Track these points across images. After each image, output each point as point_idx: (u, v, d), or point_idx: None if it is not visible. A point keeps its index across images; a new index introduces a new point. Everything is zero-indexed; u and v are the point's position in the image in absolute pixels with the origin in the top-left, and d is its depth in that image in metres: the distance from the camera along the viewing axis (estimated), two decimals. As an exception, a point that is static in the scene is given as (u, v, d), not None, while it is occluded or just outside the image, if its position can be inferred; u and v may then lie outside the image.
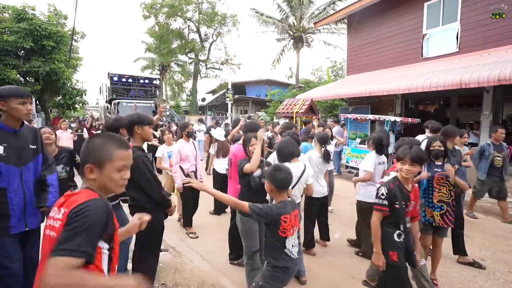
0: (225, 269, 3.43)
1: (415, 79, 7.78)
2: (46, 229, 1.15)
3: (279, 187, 2.07)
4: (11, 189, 2.03)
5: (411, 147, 2.25)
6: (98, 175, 1.19)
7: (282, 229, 2.02)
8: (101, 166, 1.19)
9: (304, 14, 20.77)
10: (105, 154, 1.21)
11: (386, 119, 8.22)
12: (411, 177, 2.27)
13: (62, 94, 12.50)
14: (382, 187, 2.29)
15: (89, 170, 1.19)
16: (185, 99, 32.00)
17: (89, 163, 1.19)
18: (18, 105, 2.04)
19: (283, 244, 2.04)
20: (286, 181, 2.08)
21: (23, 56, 11.21)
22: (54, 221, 1.11)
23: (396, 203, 2.22)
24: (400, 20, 9.93)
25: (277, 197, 2.13)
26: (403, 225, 2.22)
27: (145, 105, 13.32)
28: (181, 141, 4.32)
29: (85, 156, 1.21)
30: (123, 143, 1.27)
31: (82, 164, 1.21)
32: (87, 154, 1.21)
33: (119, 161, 1.22)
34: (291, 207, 2.09)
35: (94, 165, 1.19)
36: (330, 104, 15.32)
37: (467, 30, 8.18)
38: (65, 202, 1.12)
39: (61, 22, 12.14)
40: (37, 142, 2.24)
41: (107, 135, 1.27)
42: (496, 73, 6.11)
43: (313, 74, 24.54)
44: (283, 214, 2.02)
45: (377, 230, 2.28)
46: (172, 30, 26.21)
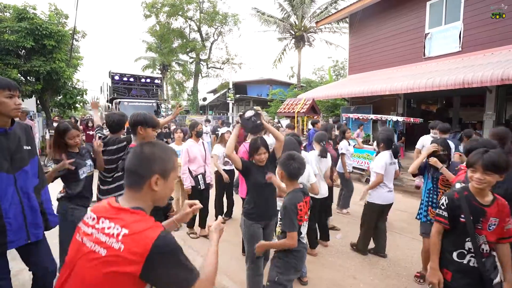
0: (226, 269, 3.41)
1: (418, 79, 7.73)
2: (85, 237, 1.06)
3: (291, 177, 2.11)
4: (4, 200, 1.77)
5: (486, 151, 1.86)
6: (162, 187, 1.13)
7: (298, 217, 2.06)
8: (166, 176, 1.14)
9: (306, 13, 20.70)
10: (170, 163, 1.15)
11: (388, 119, 8.18)
12: (485, 188, 1.85)
13: (63, 93, 12.48)
14: (444, 196, 2.00)
15: (155, 182, 1.10)
16: (186, 98, 32.01)
17: (156, 173, 1.10)
18: (5, 99, 1.75)
19: (298, 231, 2.09)
20: (299, 172, 2.12)
21: (24, 55, 11.20)
22: (103, 235, 1.02)
23: (461, 216, 1.88)
24: (402, 19, 9.87)
25: (288, 185, 2.17)
26: (473, 244, 1.84)
27: (146, 105, 13.28)
28: (190, 141, 4.16)
29: (149, 166, 1.10)
30: (174, 151, 1.23)
31: (140, 176, 1.10)
32: (151, 164, 1.10)
33: (177, 170, 1.21)
34: (302, 194, 2.14)
35: (160, 176, 1.11)
36: (332, 104, 15.29)
37: (469, 29, 8.12)
38: (116, 218, 1.04)
39: (62, 21, 12.10)
40: (31, 142, 1.99)
41: (160, 143, 1.20)
42: (499, 72, 6.06)
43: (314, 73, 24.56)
44: (298, 203, 2.07)
45: (435, 243, 2.00)
46: (173, 29, 26.18)
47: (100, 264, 0.98)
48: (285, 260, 2.13)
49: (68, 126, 2.65)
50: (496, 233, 1.86)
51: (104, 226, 1.03)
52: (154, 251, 0.96)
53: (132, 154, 1.13)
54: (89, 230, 1.07)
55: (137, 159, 1.11)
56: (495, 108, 7.94)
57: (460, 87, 6.75)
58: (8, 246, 1.81)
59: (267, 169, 2.60)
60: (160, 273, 0.97)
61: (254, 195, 2.62)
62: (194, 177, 4.04)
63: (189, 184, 3.99)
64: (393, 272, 3.39)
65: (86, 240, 1.05)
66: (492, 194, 1.91)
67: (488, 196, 1.90)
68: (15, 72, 10.26)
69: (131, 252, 0.96)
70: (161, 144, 1.19)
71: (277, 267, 2.15)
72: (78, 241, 1.08)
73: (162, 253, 0.97)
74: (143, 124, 2.42)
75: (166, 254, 0.99)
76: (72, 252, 1.09)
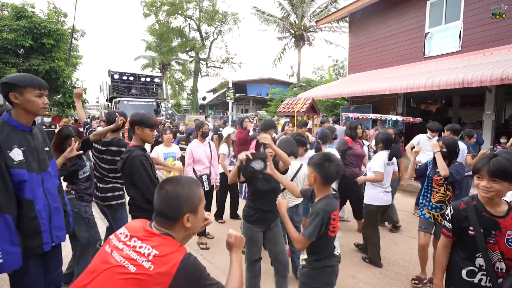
0: (225, 268, 3.38)
1: (417, 78, 7.72)
2: (115, 250, 1.10)
3: (326, 181, 1.85)
4: (38, 200, 1.74)
5: (494, 156, 1.64)
6: (194, 221, 1.18)
7: (331, 228, 1.82)
8: (196, 211, 1.18)
9: (306, 12, 20.68)
10: (197, 197, 1.19)
11: (387, 118, 8.17)
12: (494, 197, 1.64)
13: (62, 92, 12.46)
14: (450, 206, 1.81)
15: (187, 220, 1.15)
16: (186, 98, 31.99)
17: (186, 213, 1.15)
18: (34, 98, 1.72)
19: (331, 245, 1.88)
20: (337, 175, 1.88)
21: (22, 54, 11.19)
22: (134, 253, 1.06)
23: (469, 228, 1.68)
24: (402, 18, 9.86)
25: (321, 191, 1.90)
26: (485, 260, 1.62)
27: (146, 104, 13.23)
28: (195, 141, 4.06)
29: (179, 208, 1.14)
30: (198, 182, 1.28)
31: (171, 218, 1.14)
32: (180, 205, 1.14)
33: (204, 200, 1.25)
34: (336, 201, 1.89)
35: (190, 213, 1.16)
36: (332, 103, 15.28)
37: (470, 29, 8.11)
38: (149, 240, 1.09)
39: (60, 20, 12.09)
40: (48, 143, 1.97)
41: (183, 179, 1.22)
42: (499, 72, 6.05)
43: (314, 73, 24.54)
44: (333, 211, 1.81)
45: (439, 258, 1.82)
46: (173, 28, 26.16)
47: (128, 279, 1.01)
48: (313, 276, 1.89)
49: (71, 133, 2.73)
50: (505, 248, 1.61)
51: (136, 245, 1.08)
52: (180, 272, 1.03)
53: (158, 196, 1.16)
54: (120, 245, 1.11)
55: (165, 202, 1.15)
56: (494, 108, 7.94)
57: (460, 87, 6.75)
58: (44, 247, 1.78)
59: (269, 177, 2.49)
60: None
61: (254, 200, 2.58)
62: (199, 177, 3.94)
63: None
64: (392, 271, 3.39)
65: (115, 254, 1.09)
66: (508, 204, 1.69)
67: (502, 206, 1.67)
68: (14, 71, 10.24)
69: (159, 272, 1.01)
70: (184, 180, 1.20)
71: (304, 284, 1.92)
72: (107, 252, 1.11)
73: (187, 274, 1.04)
74: (140, 124, 2.41)
75: (191, 274, 1.06)
76: (98, 261, 1.12)
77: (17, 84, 1.68)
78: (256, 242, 2.60)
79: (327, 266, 1.90)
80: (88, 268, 1.12)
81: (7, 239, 1.59)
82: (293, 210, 3.07)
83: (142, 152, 2.38)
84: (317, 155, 1.95)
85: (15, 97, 1.68)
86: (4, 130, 1.65)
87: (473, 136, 4.38)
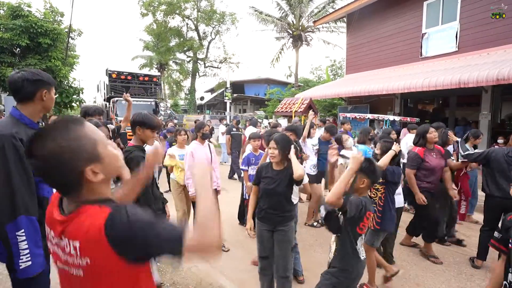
0: (223, 268, 3.40)
1: (414, 79, 7.77)
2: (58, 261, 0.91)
3: (374, 183, 2.07)
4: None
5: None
6: (104, 169, 0.91)
7: (361, 225, 1.93)
8: (98, 157, 0.90)
9: (304, 13, 20.71)
10: (88, 141, 0.89)
11: (385, 118, 8.21)
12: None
13: (59, 92, 12.36)
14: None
15: (92, 174, 0.88)
16: (184, 98, 31.91)
17: (86, 167, 0.87)
18: (54, 96, 1.76)
19: (355, 243, 1.96)
20: (380, 176, 2.11)
21: (19, 53, 11.10)
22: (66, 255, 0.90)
23: (509, 241, 1.56)
24: (400, 19, 9.91)
25: (363, 193, 2.05)
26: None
27: (145, 104, 13.14)
28: (195, 143, 3.85)
29: (70, 167, 0.84)
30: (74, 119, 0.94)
31: (70, 183, 0.85)
32: (69, 164, 0.83)
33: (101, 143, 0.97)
34: (372, 205, 2.05)
35: (92, 163, 0.88)
36: (329, 103, 15.30)
37: (466, 30, 8.16)
38: (63, 232, 0.88)
39: (57, 19, 12.00)
40: None
41: (51, 130, 0.85)
42: (495, 72, 6.10)
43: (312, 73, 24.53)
44: (368, 210, 1.93)
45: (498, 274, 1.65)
46: (170, 28, 26.09)
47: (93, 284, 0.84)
48: (336, 278, 1.96)
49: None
50: None
51: (61, 244, 0.86)
52: (113, 239, 0.78)
53: (37, 169, 0.83)
54: (54, 248, 0.91)
55: (51, 173, 0.83)
56: (490, 108, 8.00)
57: (456, 87, 6.79)
58: None
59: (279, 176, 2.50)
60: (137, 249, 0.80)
61: (263, 199, 2.60)
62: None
63: (194, 192, 3.73)
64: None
65: (60, 264, 0.90)
66: None
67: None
68: (10, 70, 10.16)
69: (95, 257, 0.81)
70: (53, 131, 0.82)
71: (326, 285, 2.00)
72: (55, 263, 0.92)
73: (123, 235, 0.79)
74: (142, 124, 2.40)
75: (128, 231, 0.79)
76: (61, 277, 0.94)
77: (49, 82, 1.71)
78: (261, 240, 2.62)
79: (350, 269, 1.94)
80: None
81: (34, 241, 1.58)
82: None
83: (142, 154, 2.37)
84: (365, 162, 1.98)
85: (44, 94, 1.68)
86: (20, 128, 1.61)
87: (479, 137, 4.19)
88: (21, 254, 1.52)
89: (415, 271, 3.36)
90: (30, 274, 1.57)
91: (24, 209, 1.54)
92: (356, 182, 1.96)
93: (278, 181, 2.48)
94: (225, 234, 4.01)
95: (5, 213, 1.50)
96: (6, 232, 1.50)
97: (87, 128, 0.87)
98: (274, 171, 2.53)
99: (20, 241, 1.52)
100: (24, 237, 1.53)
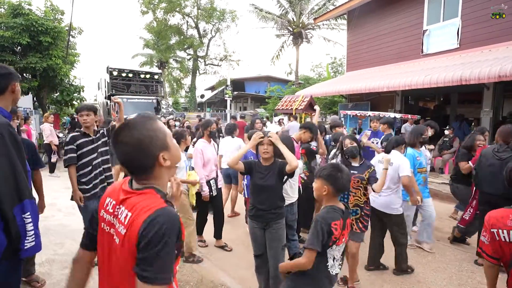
0: (224, 266, 3.42)
1: (415, 76, 7.74)
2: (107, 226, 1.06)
3: (339, 191, 1.82)
4: None
5: None
6: (170, 157, 1.05)
7: (333, 238, 1.72)
8: (167, 146, 1.06)
9: (304, 10, 20.65)
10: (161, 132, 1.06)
11: (386, 116, 8.19)
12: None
13: (60, 90, 12.38)
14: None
15: (163, 160, 1.03)
16: (184, 95, 31.89)
17: (160, 153, 1.03)
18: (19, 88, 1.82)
19: (325, 256, 1.75)
20: (348, 186, 1.87)
21: (19, 52, 11.09)
22: (118, 222, 1.01)
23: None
24: (401, 15, 9.85)
25: (328, 200, 1.83)
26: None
27: (146, 102, 13.08)
28: (202, 141, 3.70)
29: (148, 152, 1.02)
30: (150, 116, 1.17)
31: (145, 164, 1.02)
32: (147, 149, 1.01)
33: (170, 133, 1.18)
34: (341, 214, 1.79)
35: (163, 150, 1.04)
36: (330, 101, 15.29)
37: (468, 26, 8.12)
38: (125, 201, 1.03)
39: (58, 17, 11.99)
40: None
41: (135, 121, 1.07)
42: (497, 69, 6.07)
43: (312, 70, 24.51)
44: (332, 221, 1.72)
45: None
46: (171, 26, 26.04)
47: (124, 253, 0.96)
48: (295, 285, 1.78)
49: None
50: None
51: (117, 213, 1.02)
52: (142, 234, 0.90)
53: (121, 152, 1.00)
54: (109, 217, 1.05)
55: (131, 155, 0.99)
56: (492, 105, 7.97)
57: (458, 84, 6.77)
58: None
59: (268, 171, 2.52)
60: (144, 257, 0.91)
61: (253, 196, 2.62)
62: (207, 182, 3.63)
63: (208, 192, 3.58)
64: (390, 268, 3.40)
65: (108, 229, 1.05)
66: None
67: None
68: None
69: (129, 232, 0.94)
70: (137, 122, 1.03)
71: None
72: (104, 230, 1.07)
73: (148, 236, 0.89)
74: None
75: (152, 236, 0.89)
76: (103, 242, 1.08)
77: (18, 76, 1.79)
78: (254, 237, 2.63)
79: (311, 278, 1.74)
80: (98, 251, 1.11)
81: (36, 224, 1.69)
82: (287, 209, 3.04)
83: None
84: (328, 166, 1.86)
85: (15, 87, 1.74)
86: (4, 119, 1.65)
87: (485, 133, 4.11)
88: (27, 235, 1.63)
89: (416, 268, 3.37)
90: (32, 254, 1.70)
91: (28, 192, 1.65)
92: (319, 190, 1.83)
93: (267, 175, 2.51)
94: (225, 231, 4.02)
95: (13, 197, 1.58)
96: (14, 216, 1.57)
97: (159, 123, 1.07)
98: (263, 167, 2.56)
99: (26, 223, 1.63)
100: (30, 219, 1.64)
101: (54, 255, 3.19)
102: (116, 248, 0.98)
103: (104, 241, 1.06)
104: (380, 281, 3.17)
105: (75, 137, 3.03)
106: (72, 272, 1.17)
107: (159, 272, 0.90)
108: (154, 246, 0.89)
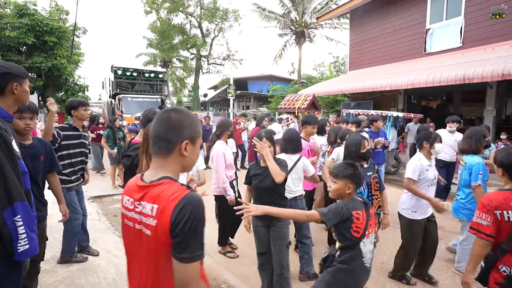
0: (227, 263, 3.46)
1: (418, 75, 7.73)
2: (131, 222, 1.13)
3: (358, 186, 1.95)
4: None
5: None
6: (191, 152, 1.13)
7: (354, 227, 1.78)
8: (195, 142, 1.14)
9: (306, 9, 20.62)
10: (198, 128, 1.16)
11: (388, 115, 8.19)
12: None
13: (64, 90, 12.52)
14: None
15: (184, 148, 1.10)
16: (187, 95, 31.98)
17: (185, 139, 1.10)
18: (28, 89, 1.77)
19: (359, 249, 1.81)
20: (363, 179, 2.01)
21: (25, 52, 11.24)
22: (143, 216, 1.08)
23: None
24: (403, 14, 9.83)
25: (349, 197, 1.91)
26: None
27: (151, 100, 13.11)
28: (221, 143, 3.52)
29: (179, 132, 1.10)
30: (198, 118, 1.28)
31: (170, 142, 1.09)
32: (181, 130, 1.10)
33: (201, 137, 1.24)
34: (362, 205, 1.89)
35: (190, 141, 1.11)
36: (332, 100, 15.27)
37: (471, 25, 8.09)
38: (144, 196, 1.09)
39: (62, 17, 12.12)
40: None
41: (185, 109, 1.21)
42: (500, 68, 6.06)
43: (315, 69, 24.50)
44: (354, 209, 1.81)
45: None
46: (174, 26, 26.12)
47: (156, 244, 1.03)
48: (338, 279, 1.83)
49: None
50: None
51: (140, 208, 1.08)
52: (176, 218, 0.98)
53: (160, 120, 1.10)
54: (131, 214, 1.12)
55: (167, 126, 1.09)
56: (495, 104, 7.94)
57: (461, 83, 6.76)
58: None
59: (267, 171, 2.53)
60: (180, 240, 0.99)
61: (256, 197, 2.66)
62: (230, 183, 3.48)
63: (233, 195, 3.44)
64: (392, 266, 3.42)
65: (133, 224, 1.11)
66: None
67: None
68: (17, 68, 10.31)
69: (161, 222, 1.00)
70: (187, 110, 1.18)
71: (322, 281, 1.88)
72: (129, 226, 1.14)
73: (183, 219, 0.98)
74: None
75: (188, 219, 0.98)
76: (129, 238, 1.15)
77: (20, 75, 1.69)
78: (257, 236, 2.66)
79: (349, 272, 1.83)
80: (126, 246, 1.18)
81: (29, 226, 1.64)
82: (292, 202, 3.06)
83: None
84: (346, 166, 1.93)
85: (15, 87, 1.65)
86: (1, 120, 1.61)
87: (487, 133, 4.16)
88: (19, 238, 1.58)
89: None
90: (27, 256, 1.64)
91: (18, 195, 1.58)
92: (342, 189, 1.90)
93: (265, 176, 2.52)
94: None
95: (2, 200, 1.53)
96: (4, 219, 1.53)
97: (195, 118, 1.18)
98: (262, 168, 2.58)
99: (18, 226, 1.58)
100: (21, 222, 1.58)
101: (59, 252, 3.24)
102: (149, 239, 1.04)
103: (130, 236, 1.14)
104: (383, 279, 3.19)
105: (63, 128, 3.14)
106: None
107: (194, 251, 1.00)
108: (188, 230, 0.98)
